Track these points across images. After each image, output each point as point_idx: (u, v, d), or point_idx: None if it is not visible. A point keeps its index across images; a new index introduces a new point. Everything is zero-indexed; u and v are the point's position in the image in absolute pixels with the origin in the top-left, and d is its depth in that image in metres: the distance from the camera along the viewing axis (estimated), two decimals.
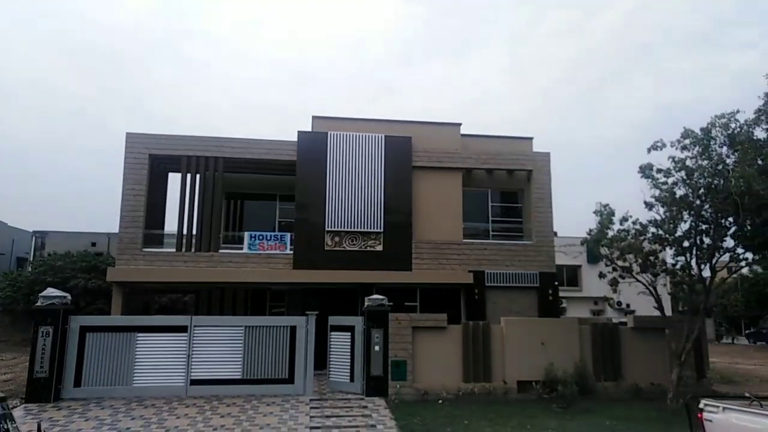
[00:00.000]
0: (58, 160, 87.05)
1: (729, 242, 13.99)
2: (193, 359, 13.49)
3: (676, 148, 13.91)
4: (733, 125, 13.46)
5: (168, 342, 13.58)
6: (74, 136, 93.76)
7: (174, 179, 20.36)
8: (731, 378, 19.85)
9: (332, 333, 14.76)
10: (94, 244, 35.81)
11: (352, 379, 14.13)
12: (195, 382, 13.36)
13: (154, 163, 18.86)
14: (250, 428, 10.75)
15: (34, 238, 37.66)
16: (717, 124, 13.50)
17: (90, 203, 77.81)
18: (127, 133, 18.43)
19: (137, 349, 13.35)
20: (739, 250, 14.15)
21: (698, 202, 13.45)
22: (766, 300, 15.62)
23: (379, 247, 18.57)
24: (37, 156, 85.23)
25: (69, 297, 13.59)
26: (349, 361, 14.28)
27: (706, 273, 14.35)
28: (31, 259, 35.71)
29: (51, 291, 13.41)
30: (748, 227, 13.13)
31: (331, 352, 14.74)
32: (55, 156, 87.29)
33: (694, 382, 15.28)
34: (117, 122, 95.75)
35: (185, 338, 13.58)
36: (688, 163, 13.63)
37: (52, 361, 12.59)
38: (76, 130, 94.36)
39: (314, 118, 19.99)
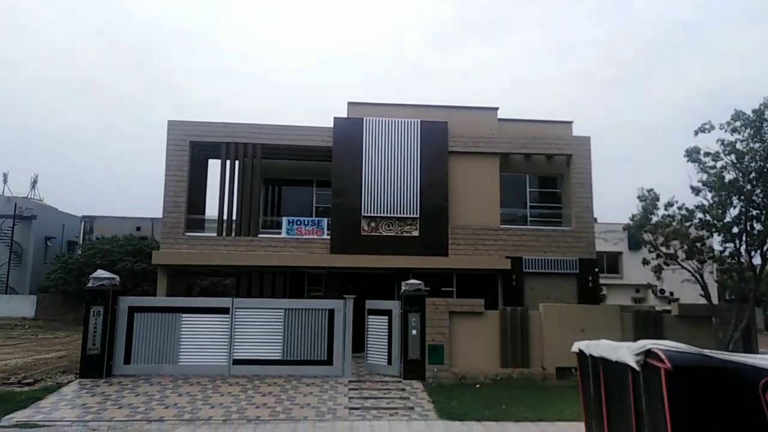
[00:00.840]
0: (104, 148, 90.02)
1: None
2: (235, 340, 13.88)
3: (726, 131, 13.39)
4: None
5: (211, 323, 14.01)
6: (119, 124, 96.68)
7: (214, 166, 20.86)
8: None
9: (369, 317, 14.92)
10: (138, 229, 37.08)
11: (389, 362, 14.29)
12: (237, 362, 13.75)
13: (194, 149, 19.32)
14: (291, 407, 11.03)
15: (82, 222, 39.21)
16: None
17: (134, 189, 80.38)
18: (169, 121, 18.92)
19: (182, 329, 13.82)
20: None
21: (749, 186, 12.94)
22: None
23: (416, 233, 18.60)
24: (84, 143, 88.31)
25: (118, 278, 14.16)
26: (386, 344, 14.43)
27: (757, 260, 13.83)
28: (81, 242, 37.25)
29: (101, 273, 13.98)
30: None
31: (369, 336, 14.92)
32: (101, 143, 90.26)
33: None
34: (159, 111, 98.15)
35: (227, 319, 13.97)
36: (739, 146, 13.11)
37: (104, 339, 13.17)
38: (121, 119, 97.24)
39: (350, 104, 20.06)
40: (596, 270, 19.33)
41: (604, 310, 16.47)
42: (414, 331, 14.04)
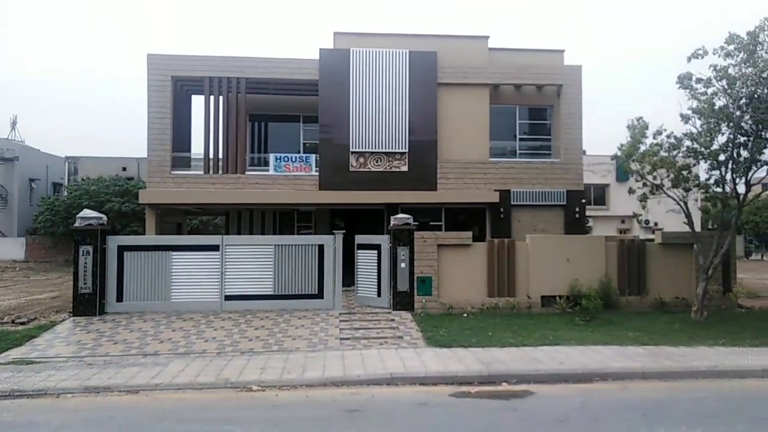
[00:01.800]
0: (84, 86, 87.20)
1: (767, 155, 13.46)
2: (226, 276, 14.03)
3: (719, 56, 13.06)
4: None
5: (202, 260, 14.10)
6: (99, 61, 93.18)
7: (198, 101, 20.31)
8: (757, 293, 19.79)
9: (359, 251, 15.08)
10: (124, 169, 36.60)
11: (379, 295, 14.58)
12: (229, 298, 13.97)
13: (177, 85, 18.75)
14: (284, 339, 11.32)
15: (66, 163, 38.57)
16: (765, 28, 12.55)
17: (119, 128, 78.66)
18: (149, 55, 18.22)
19: (173, 267, 13.92)
20: None
21: (738, 113, 12.81)
22: None
23: (405, 168, 18.48)
24: (64, 83, 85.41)
25: (105, 218, 14.08)
26: (376, 277, 14.67)
27: (741, 188, 13.94)
28: (66, 184, 36.79)
29: (87, 212, 13.88)
30: None
31: (359, 269, 15.13)
32: (81, 82, 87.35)
33: (719, 296, 15.32)
34: (140, 47, 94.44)
35: (218, 256, 14.06)
36: (731, 71, 12.85)
37: (94, 277, 13.26)
38: (100, 56, 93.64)
39: (336, 34, 19.36)
40: (583, 201, 19.48)
41: (589, 240, 16.72)
42: (403, 264, 14.24)
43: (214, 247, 14.16)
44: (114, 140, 77.10)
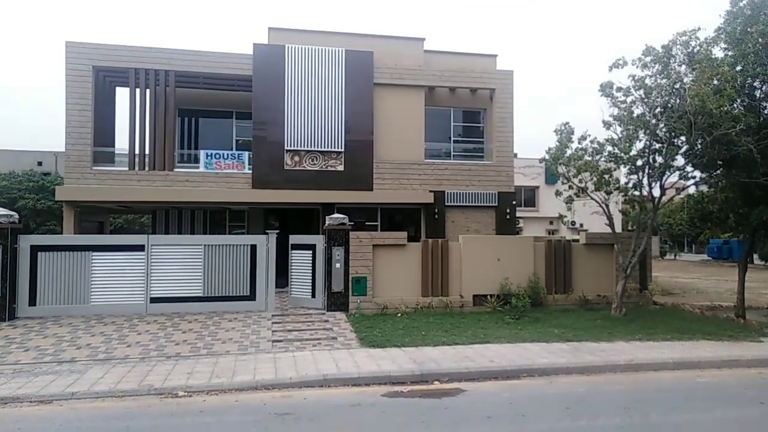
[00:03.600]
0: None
1: (679, 161, 14.44)
2: (152, 278, 13.40)
3: (637, 67, 13.89)
4: (693, 43, 13.47)
5: (125, 261, 13.40)
6: (13, 46, 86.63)
7: (123, 94, 19.28)
8: (670, 290, 21.25)
9: (293, 251, 14.84)
10: (40, 164, 34.29)
11: (313, 295, 14.41)
12: (155, 300, 13.36)
13: (99, 76, 17.74)
14: (213, 342, 10.93)
15: None
16: (678, 42, 13.47)
17: (34, 120, 73.49)
18: (67, 42, 17.10)
19: (93, 269, 13.15)
20: (689, 169, 14.66)
21: (654, 121, 13.65)
22: (708, 217, 16.47)
23: (341, 167, 18.37)
24: None
25: (16, 216, 13.08)
26: (310, 278, 14.48)
27: (656, 191, 14.86)
28: None
29: None
30: (699, 146, 13.50)
31: (293, 270, 14.88)
32: None
33: (637, 293, 16.28)
34: (62, 34, 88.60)
35: (143, 257, 13.40)
36: (648, 81, 13.68)
37: (4, 280, 12.30)
38: (14, 39, 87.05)
39: (270, 29, 18.97)
40: (514, 203, 20.11)
41: (519, 240, 17.30)
42: (338, 265, 14.14)
43: (139, 247, 13.49)
44: (28, 132, 71.98)
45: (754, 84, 13.83)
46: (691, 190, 18.98)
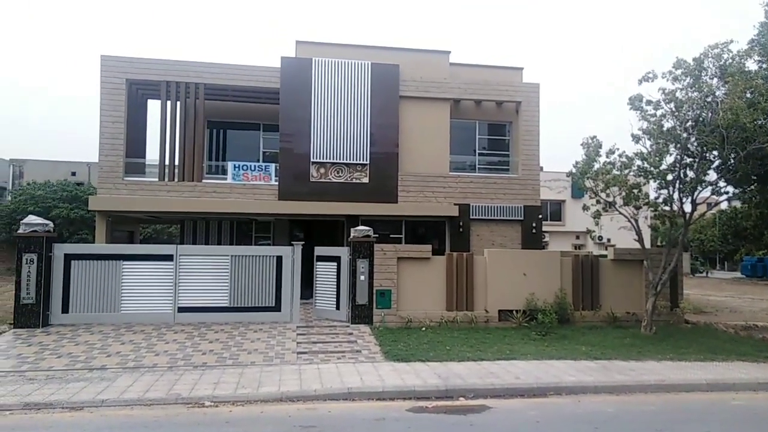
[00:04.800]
0: (36, 86, 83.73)
1: (711, 176, 14.10)
2: (179, 287, 13.61)
3: (668, 80, 13.68)
4: (725, 56, 13.21)
5: (154, 270, 13.63)
6: (53, 61, 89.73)
7: (154, 107, 19.77)
8: (702, 308, 20.66)
9: (318, 263, 14.91)
10: (74, 174, 35.25)
11: (338, 308, 14.43)
12: (182, 310, 13.54)
13: (132, 88, 18.22)
14: (239, 353, 11.02)
15: (11, 166, 36.82)
16: (710, 55, 13.23)
17: (70, 131, 75.79)
18: (102, 56, 17.63)
19: (124, 277, 13.40)
20: (721, 184, 14.29)
21: (685, 135, 13.40)
22: (742, 233, 16.06)
23: (365, 179, 18.45)
24: (14, 81, 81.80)
25: (51, 224, 13.45)
26: (335, 290, 14.53)
27: (687, 207, 14.55)
28: (10, 188, 35.08)
29: (32, 218, 13.22)
30: (732, 161, 13.19)
31: (318, 282, 14.95)
32: (33, 82, 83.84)
33: (667, 311, 15.88)
34: (98, 48, 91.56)
35: (172, 266, 13.63)
36: (678, 95, 13.45)
37: (38, 287, 12.62)
38: (55, 55, 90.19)
39: (298, 42, 19.27)
40: (540, 217, 19.90)
41: (545, 255, 17.08)
42: (362, 277, 14.16)
43: (168, 257, 13.72)
44: (64, 143, 74.20)
45: None
46: (724, 205, 18.53)
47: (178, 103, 18.02)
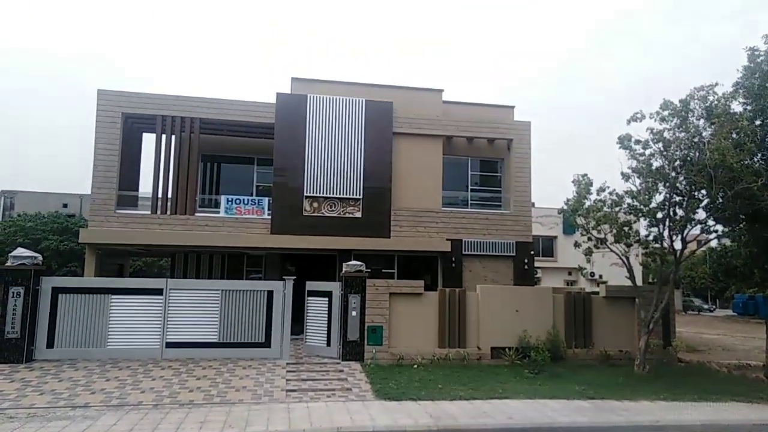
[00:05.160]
0: (27, 118, 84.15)
1: (701, 214, 14.25)
2: (168, 322, 13.40)
3: (655, 120, 14.00)
4: (711, 98, 13.56)
5: (143, 304, 13.44)
6: (45, 93, 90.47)
7: (149, 140, 19.87)
8: (695, 347, 20.58)
9: (309, 298, 14.78)
10: (65, 206, 35.12)
11: (328, 344, 14.24)
12: (171, 345, 13.30)
13: (127, 122, 18.34)
14: (227, 390, 10.79)
15: (2, 198, 36.64)
16: (696, 97, 13.58)
17: (61, 164, 75.79)
18: (99, 90, 17.83)
19: (111, 311, 13.20)
20: (710, 222, 14.45)
21: (673, 174, 13.62)
22: (732, 272, 16.09)
23: (358, 214, 18.50)
24: (5, 113, 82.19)
25: (40, 257, 13.30)
26: (326, 325, 14.36)
27: (677, 244, 14.65)
28: (0, 219, 34.81)
29: (21, 251, 13.09)
30: (720, 200, 13.37)
31: (309, 317, 14.79)
32: (24, 113, 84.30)
33: (660, 349, 15.79)
34: (91, 80, 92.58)
35: (161, 301, 13.45)
36: (666, 135, 13.74)
37: (24, 322, 12.39)
38: (46, 88, 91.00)
39: (293, 79, 19.57)
40: (532, 253, 19.96)
41: (538, 291, 17.04)
42: (354, 313, 14.03)
43: (158, 291, 13.56)
44: (55, 175, 74.09)
45: None
46: (714, 243, 18.67)
47: (173, 136, 18.14)
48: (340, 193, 18.41)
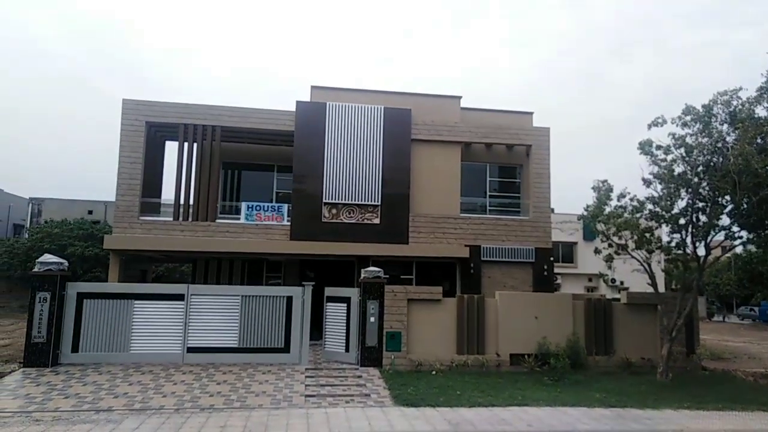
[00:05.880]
0: (55, 127, 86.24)
1: (724, 220, 14.03)
2: (189, 327, 13.60)
3: (677, 125, 13.82)
4: (734, 103, 13.36)
5: (165, 310, 13.67)
6: (72, 102, 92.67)
7: (171, 148, 20.24)
8: (720, 355, 20.15)
9: (328, 304, 14.86)
10: (90, 212, 35.85)
11: (347, 350, 14.29)
12: (192, 350, 13.49)
13: (150, 130, 18.71)
14: (246, 395, 10.91)
15: (30, 205, 37.60)
16: (719, 101, 13.39)
17: (88, 171, 77.44)
18: (124, 100, 18.23)
19: (134, 317, 13.44)
20: (735, 229, 14.19)
21: (696, 179, 13.43)
22: (758, 278, 15.78)
23: (377, 220, 18.57)
24: (35, 122, 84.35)
25: (66, 263, 13.63)
26: (344, 331, 14.42)
27: (701, 251, 14.41)
28: (28, 226, 35.70)
29: (48, 257, 13.42)
30: (744, 205, 13.14)
31: (327, 323, 14.86)
32: (52, 123, 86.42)
33: (683, 357, 15.51)
34: (115, 89, 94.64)
35: (182, 306, 13.66)
36: (688, 140, 13.56)
37: (50, 326, 12.68)
38: (73, 97, 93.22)
39: (313, 88, 19.77)
40: (551, 259, 19.78)
41: (558, 298, 16.89)
42: (372, 319, 14.07)
43: (179, 297, 13.78)
44: (82, 183, 75.72)
45: None
46: (739, 249, 18.30)
47: (195, 144, 18.45)
48: (358, 200, 18.51)
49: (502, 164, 20.74)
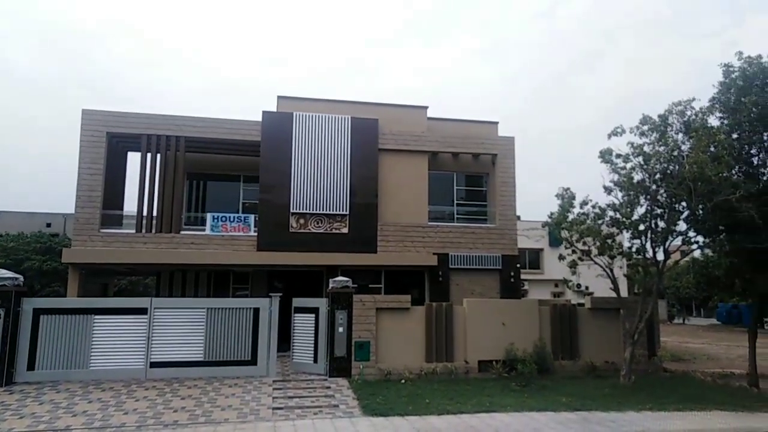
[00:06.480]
0: (9, 137, 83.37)
1: (682, 226, 14.49)
2: (153, 341, 13.26)
3: (635, 134, 14.27)
4: (689, 113, 13.89)
5: (127, 324, 13.30)
6: (29, 112, 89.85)
7: (134, 158, 19.81)
8: (680, 356, 20.76)
9: (296, 315, 14.72)
10: (49, 225, 34.73)
11: (315, 360, 14.16)
12: (155, 365, 13.15)
13: (112, 141, 18.28)
14: (212, 410, 10.68)
15: None
16: (674, 112, 13.91)
17: (45, 183, 75.00)
18: (83, 110, 17.78)
19: (94, 332, 13.04)
20: (691, 234, 14.69)
21: (654, 186, 13.87)
22: (715, 282, 16.40)
23: (345, 230, 18.53)
24: None
25: (21, 278, 13.15)
26: (312, 342, 14.29)
27: (660, 256, 14.84)
28: None
29: (2, 272, 12.92)
30: (700, 211, 13.62)
31: (295, 334, 14.71)
32: (6, 132, 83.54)
33: (645, 360, 15.92)
34: (74, 99, 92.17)
35: (145, 320, 13.32)
36: (646, 149, 14.00)
37: (3, 344, 12.20)
38: (30, 106, 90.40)
39: (279, 98, 19.67)
40: (518, 266, 20.07)
41: (524, 304, 17.13)
42: (341, 329, 13.99)
43: (142, 311, 13.43)
44: (39, 195, 73.27)
45: (751, 151, 14.10)
46: (697, 253, 18.93)
47: (159, 155, 18.10)
48: (326, 210, 18.44)
49: (469, 173, 21.00)
